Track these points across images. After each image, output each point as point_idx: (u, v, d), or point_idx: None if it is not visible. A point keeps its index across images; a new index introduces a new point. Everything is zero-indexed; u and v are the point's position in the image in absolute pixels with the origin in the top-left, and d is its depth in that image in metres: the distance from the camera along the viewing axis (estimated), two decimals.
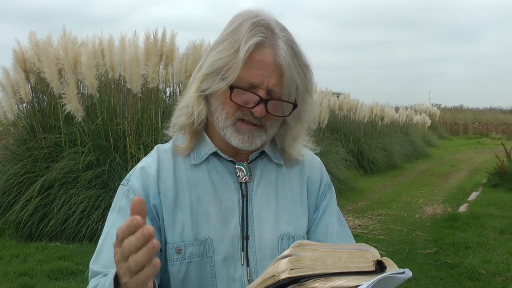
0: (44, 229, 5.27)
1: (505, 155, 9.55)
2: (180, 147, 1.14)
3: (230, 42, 1.03)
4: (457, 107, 38.30)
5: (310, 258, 0.77)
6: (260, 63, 1.02)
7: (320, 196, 1.21)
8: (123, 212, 1.09)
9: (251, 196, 1.13)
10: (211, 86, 1.06)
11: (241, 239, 1.10)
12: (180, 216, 1.09)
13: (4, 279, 4.18)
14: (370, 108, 13.66)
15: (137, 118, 5.77)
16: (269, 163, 1.17)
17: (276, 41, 1.04)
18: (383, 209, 7.51)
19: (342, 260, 0.78)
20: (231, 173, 1.13)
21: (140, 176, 1.11)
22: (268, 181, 1.16)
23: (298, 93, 1.08)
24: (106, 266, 1.01)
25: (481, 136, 27.51)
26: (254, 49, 1.02)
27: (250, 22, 1.03)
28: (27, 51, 6.00)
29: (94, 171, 5.51)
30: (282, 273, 0.76)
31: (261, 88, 1.03)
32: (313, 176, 1.21)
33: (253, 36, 1.02)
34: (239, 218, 1.10)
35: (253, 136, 1.07)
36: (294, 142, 1.17)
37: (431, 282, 4.28)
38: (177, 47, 6.12)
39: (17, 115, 6.24)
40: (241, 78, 1.02)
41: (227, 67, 1.03)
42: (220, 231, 1.09)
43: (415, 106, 23.44)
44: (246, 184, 1.13)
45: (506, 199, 7.91)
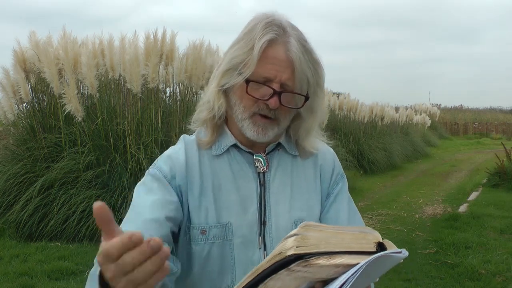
0: (44, 229, 5.27)
1: (505, 155, 9.55)
2: (202, 141, 1.22)
3: (246, 41, 1.12)
4: (457, 107, 38.31)
5: (315, 237, 0.82)
6: (273, 58, 1.11)
7: (332, 185, 1.28)
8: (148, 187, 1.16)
9: (268, 185, 1.21)
10: (229, 81, 1.15)
11: (259, 224, 1.18)
12: (205, 201, 1.17)
13: (4, 279, 4.18)
14: (370, 108, 13.66)
15: (137, 118, 5.77)
16: (285, 154, 1.26)
17: (288, 38, 1.12)
18: (383, 209, 7.51)
19: (345, 241, 0.84)
20: (250, 164, 1.22)
21: (168, 160, 1.20)
22: (284, 171, 1.24)
23: (310, 86, 1.15)
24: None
25: (481, 136, 27.52)
26: (267, 46, 1.10)
27: (263, 22, 1.12)
28: (27, 51, 6.00)
29: (94, 171, 5.51)
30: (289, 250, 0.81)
31: (275, 82, 1.11)
32: (325, 165, 1.29)
33: (266, 33, 1.10)
34: (257, 205, 1.19)
35: (266, 128, 1.15)
36: (308, 135, 1.24)
37: (431, 282, 4.28)
38: (177, 47, 6.12)
39: (17, 115, 6.24)
40: (256, 73, 1.11)
41: (244, 63, 1.11)
42: (239, 216, 1.17)
43: (415, 106, 23.44)
44: (264, 174, 1.22)
45: (506, 199, 7.91)
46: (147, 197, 1.12)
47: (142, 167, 5.48)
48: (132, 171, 5.50)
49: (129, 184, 5.41)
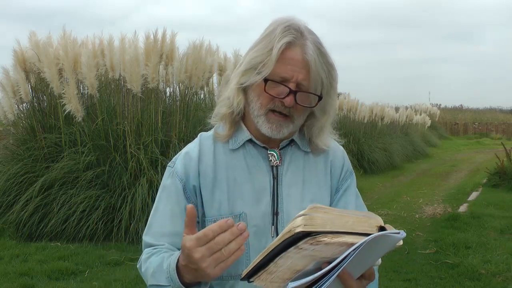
0: (44, 229, 5.27)
1: (505, 155, 9.55)
2: (220, 134, 1.30)
3: (265, 43, 1.20)
4: (457, 107, 38.30)
5: (322, 218, 0.88)
6: (290, 60, 1.18)
7: (341, 181, 1.36)
8: (167, 190, 1.29)
9: (281, 178, 1.28)
10: (248, 79, 1.22)
11: (272, 214, 1.25)
12: (218, 194, 1.25)
13: (4, 279, 4.18)
14: (370, 108, 13.66)
15: (137, 118, 5.77)
16: (298, 150, 1.33)
17: (305, 41, 1.19)
18: (383, 209, 7.51)
19: (349, 223, 0.90)
20: (264, 158, 1.29)
21: (183, 159, 1.29)
22: (296, 166, 1.31)
23: (324, 87, 1.22)
24: (157, 238, 1.24)
25: (481, 136, 27.52)
26: (286, 48, 1.18)
27: (282, 26, 1.20)
28: (27, 51, 6.00)
29: (94, 171, 5.51)
30: (297, 227, 0.86)
31: (291, 82, 1.19)
32: (335, 161, 1.36)
33: (284, 36, 1.18)
34: (270, 196, 1.26)
35: (281, 126, 1.23)
36: (321, 133, 1.32)
37: (431, 282, 4.28)
38: (177, 47, 6.11)
39: (17, 115, 6.24)
40: (274, 73, 1.18)
41: (263, 63, 1.19)
42: (253, 207, 1.25)
43: (415, 106, 23.43)
44: (277, 168, 1.29)
45: (506, 199, 7.92)
46: (167, 205, 1.26)
47: (142, 167, 5.48)
48: (132, 171, 5.50)
49: (129, 184, 5.41)
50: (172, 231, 1.23)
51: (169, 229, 1.24)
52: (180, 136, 5.82)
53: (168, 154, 5.58)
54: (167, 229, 1.24)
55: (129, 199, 5.28)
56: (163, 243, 1.22)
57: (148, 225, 1.29)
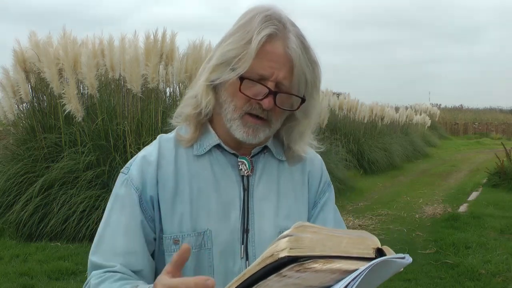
0: (44, 229, 5.27)
1: (505, 155, 9.55)
2: (183, 138, 1.13)
3: (241, 34, 1.04)
4: (457, 107, 38.31)
5: (310, 239, 0.76)
6: (271, 54, 1.03)
7: (319, 194, 1.21)
8: (120, 201, 1.10)
9: (252, 190, 1.13)
10: (220, 76, 1.06)
11: (241, 232, 1.10)
12: (180, 207, 1.09)
13: (4, 279, 4.18)
14: (370, 108, 13.66)
15: (137, 118, 5.77)
16: (271, 158, 1.17)
17: (287, 34, 1.05)
18: (383, 209, 7.51)
19: (342, 245, 0.78)
20: (233, 166, 1.13)
21: (140, 165, 1.11)
22: (270, 176, 1.16)
23: (307, 87, 1.07)
24: (108, 258, 1.04)
25: (481, 136, 27.53)
26: (266, 41, 1.03)
27: (262, 15, 1.04)
28: (27, 51, 6.00)
29: (94, 171, 5.51)
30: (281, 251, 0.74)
31: (270, 81, 1.04)
32: (313, 172, 1.22)
33: (265, 27, 1.03)
34: (239, 211, 1.11)
35: (257, 130, 1.07)
36: (301, 138, 1.16)
37: (431, 282, 4.28)
38: (177, 47, 6.13)
39: (17, 115, 6.24)
40: (252, 69, 1.03)
41: (238, 58, 1.03)
42: (219, 223, 1.09)
43: (415, 106, 23.44)
44: (248, 178, 1.13)
45: (506, 199, 7.92)
46: (120, 219, 1.07)
47: None
48: None
49: None
50: (126, 250, 1.04)
51: (122, 247, 1.05)
52: None
53: None
54: (120, 247, 1.05)
55: None
56: (115, 264, 1.03)
57: (96, 242, 1.08)
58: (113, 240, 1.06)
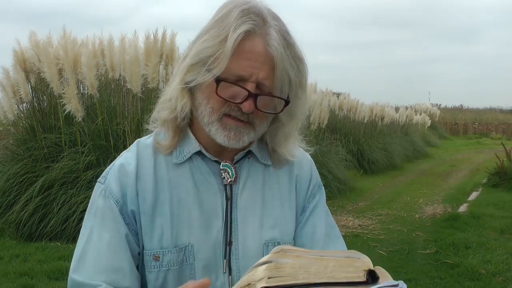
0: (44, 229, 5.27)
1: (505, 155, 9.55)
2: (161, 144, 1.06)
3: (217, 30, 0.95)
4: (457, 107, 38.32)
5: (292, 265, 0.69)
6: (249, 53, 0.94)
7: (308, 198, 1.14)
8: (100, 214, 1.03)
9: (236, 199, 1.05)
10: (196, 78, 0.97)
11: (224, 245, 1.03)
12: (159, 220, 1.02)
13: (4, 279, 4.18)
14: (370, 108, 13.66)
15: (137, 118, 5.77)
16: (256, 163, 1.09)
17: (268, 30, 0.95)
18: (383, 209, 7.51)
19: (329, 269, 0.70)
20: (215, 174, 1.05)
21: (118, 175, 1.04)
22: (255, 183, 1.08)
23: (291, 87, 0.99)
24: (91, 276, 0.99)
25: (481, 136, 27.51)
26: (244, 38, 0.93)
27: (239, 9, 0.95)
28: (27, 51, 5.99)
29: (94, 171, 5.51)
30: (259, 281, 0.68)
31: (250, 82, 0.95)
32: (302, 175, 1.14)
33: (242, 23, 0.94)
34: (222, 222, 1.04)
35: (240, 132, 0.99)
36: (286, 141, 1.08)
37: (431, 282, 4.28)
38: (177, 47, 6.14)
39: (17, 115, 6.24)
40: (229, 70, 0.94)
41: (214, 57, 0.94)
42: (201, 236, 1.02)
43: (415, 106, 23.43)
44: (231, 186, 1.05)
45: (506, 199, 7.92)
46: (103, 233, 1.01)
47: None
48: None
49: None
50: (111, 267, 0.98)
51: (107, 264, 0.98)
52: None
53: None
54: (104, 264, 0.98)
55: None
56: (99, 283, 0.96)
57: (77, 258, 1.02)
58: (96, 256, 1.00)
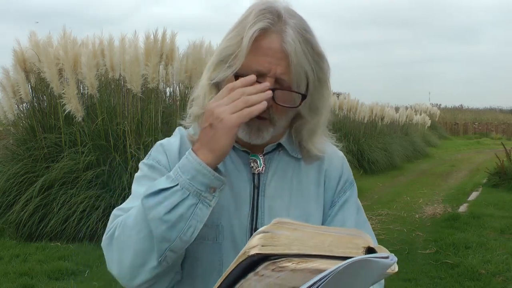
0: (44, 229, 5.27)
1: (505, 155, 9.55)
2: (194, 138, 1.09)
3: (238, 30, 1.02)
4: (457, 107, 38.32)
5: (287, 237, 0.70)
6: (266, 49, 0.99)
7: (338, 193, 1.17)
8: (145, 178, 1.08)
9: (263, 188, 1.10)
10: (219, 74, 1.04)
11: (250, 230, 1.07)
12: None
13: (4, 279, 4.18)
14: (370, 108, 13.66)
15: (137, 118, 5.77)
16: (286, 156, 1.13)
17: (283, 27, 1.00)
18: (383, 209, 7.51)
19: (326, 243, 0.71)
20: (245, 164, 1.11)
21: (161, 149, 1.12)
22: (283, 175, 1.12)
23: (309, 82, 1.03)
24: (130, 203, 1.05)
25: (481, 136, 27.51)
26: (260, 36, 0.99)
27: (257, 9, 1.01)
28: (27, 51, 6.00)
29: (94, 171, 5.51)
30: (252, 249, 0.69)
31: (268, 77, 0.99)
32: (331, 170, 1.16)
33: (258, 21, 0.99)
34: (249, 209, 1.08)
35: (260, 130, 1.04)
36: (312, 136, 1.12)
37: (431, 282, 4.28)
38: (177, 47, 6.13)
39: (17, 115, 6.24)
40: (247, 66, 0.99)
41: (234, 55, 1.00)
42: (230, 219, 1.07)
43: (415, 106, 23.41)
44: (259, 175, 1.10)
45: (506, 199, 7.92)
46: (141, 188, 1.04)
47: None
48: (132, 171, 5.49)
49: (129, 184, 5.40)
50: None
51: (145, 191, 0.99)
52: None
53: None
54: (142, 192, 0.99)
55: None
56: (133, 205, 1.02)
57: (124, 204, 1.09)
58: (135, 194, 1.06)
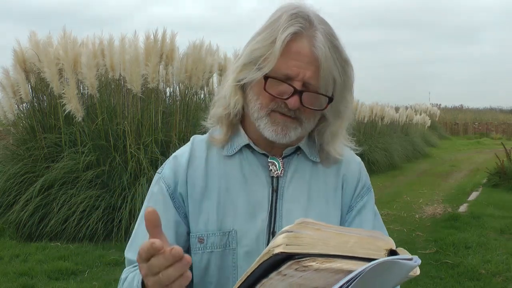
0: (44, 229, 5.27)
1: (505, 155, 9.55)
2: (215, 139, 1.14)
3: (268, 33, 1.02)
4: (457, 107, 38.35)
5: (311, 236, 0.70)
6: (296, 54, 1.01)
7: (356, 198, 1.18)
8: (153, 198, 1.13)
9: (282, 191, 1.10)
10: (247, 76, 1.05)
11: (267, 234, 1.07)
12: (207, 205, 1.09)
13: (4, 279, 4.18)
14: (370, 108, 13.65)
15: (137, 118, 5.77)
16: (305, 160, 1.14)
17: (314, 32, 1.02)
18: (383, 209, 7.51)
19: (349, 244, 0.72)
20: (263, 166, 1.11)
21: (172, 164, 1.14)
22: (302, 178, 1.13)
23: (336, 87, 1.05)
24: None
25: (481, 136, 27.52)
26: (291, 40, 1.01)
27: (288, 13, 1.02)
28: (27, 51, 6.00)
29: (94, 171, 5.51)
30: (277, 247, 0.69)
31: (296, 80, 1.01)
32: (349, 175, 1.18)
33: (290, 26, 1.01)
34: (267, 212, 1.08)
35: (287, 128, 1.05)
36: (334, 139, 1.14)
37: (431, 282, 4.28)
38: (177, 47, 6.13)
39: (17, 115, 6.24)
40: (277, 69, 1.01)
41: (264, 57, 1.02)
42: (246, 224, 1.07)
43: (415, 106, 23.41)
44: (278, 179, 1.11)
45: (506, 199, 7.92)
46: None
47: (142, 167, 5.48)
48: (132, 171, 5.50)
49: (129, 184, 5.41)
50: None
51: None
52: (180, 136, 5.82)
53: (168, 154, 5.57)
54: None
55: (129, 199, 5.28)
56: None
57: (130, 240, 1.13)
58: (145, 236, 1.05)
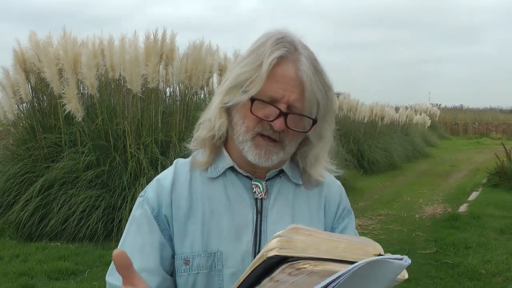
0: (44, 229, 5.27)
1: (505, 155, 9.55)
2: (199, 161, 1.15)
3: (254, 57, 1.06)
4: (457, 107, 38.35)
5: (303, 241, 0.72)
6: (281, 77, 1.04)
7: (338, 219, 1.21)
8: (136, 222, 1.13)
9: (266, 213, 1.12)
10: (233, 98, 1.07)
11: (253, 255, 1.08)
12: (192, 227, 1.10)
13: (4, 279, 4.18)
14: (370, 108, 13.66)
15: (137, 118, 5.77)
16: (287, 182, 1.17)
17: (299, 56, 1.05)
18: (383, 209, 7.51)
19: (339, 250, 0.73)
20: (247, 189, 1.13)
21: (155, 187, 1.14)
22: (285, 199, 1.15)
23: (320, 109, 1.08)
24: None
25: (481, 136, 27.52)
26: (277, 63, 1.04)
27: (274, 38, 1.06)
28: (27, 51, 6.00)
29: (94, 171, 5.51)
30: (270, 251, 0.70)
31: (282, 102, 1.04)
32: (330, 197, 1.21)
33: (276, 50, 1.04)
34: (252, 234, 1.10)
35: (270, 152, 1.07)
36: (316, 162, 1.16)
37: (431, 282, 4.28)
38: (177, 47, 6.13)
39: (17, 115, 6.24)
40: (263, 92, 1.04)
41: (250, 80, 1.04)
42: (231, 245, 1.09)
43: (415, 106, 23.42)
44: (262, 201, 1.13)
45: (506, 199, 7.92)
46: (136, 238, 1.10)
47: (142, 167, 5.48)
48: (132, 171, 5.50)
49: (129, 184, 5.41)
50: (141, 268, 1.02)
51: (137, 266, 0.97)
52: (180, 136, 5.82)
53: (168, 154, 5.59)
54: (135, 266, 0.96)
55: (129, 199, 5.28)
56: None
57: (112, 263, 1.06)
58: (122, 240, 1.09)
